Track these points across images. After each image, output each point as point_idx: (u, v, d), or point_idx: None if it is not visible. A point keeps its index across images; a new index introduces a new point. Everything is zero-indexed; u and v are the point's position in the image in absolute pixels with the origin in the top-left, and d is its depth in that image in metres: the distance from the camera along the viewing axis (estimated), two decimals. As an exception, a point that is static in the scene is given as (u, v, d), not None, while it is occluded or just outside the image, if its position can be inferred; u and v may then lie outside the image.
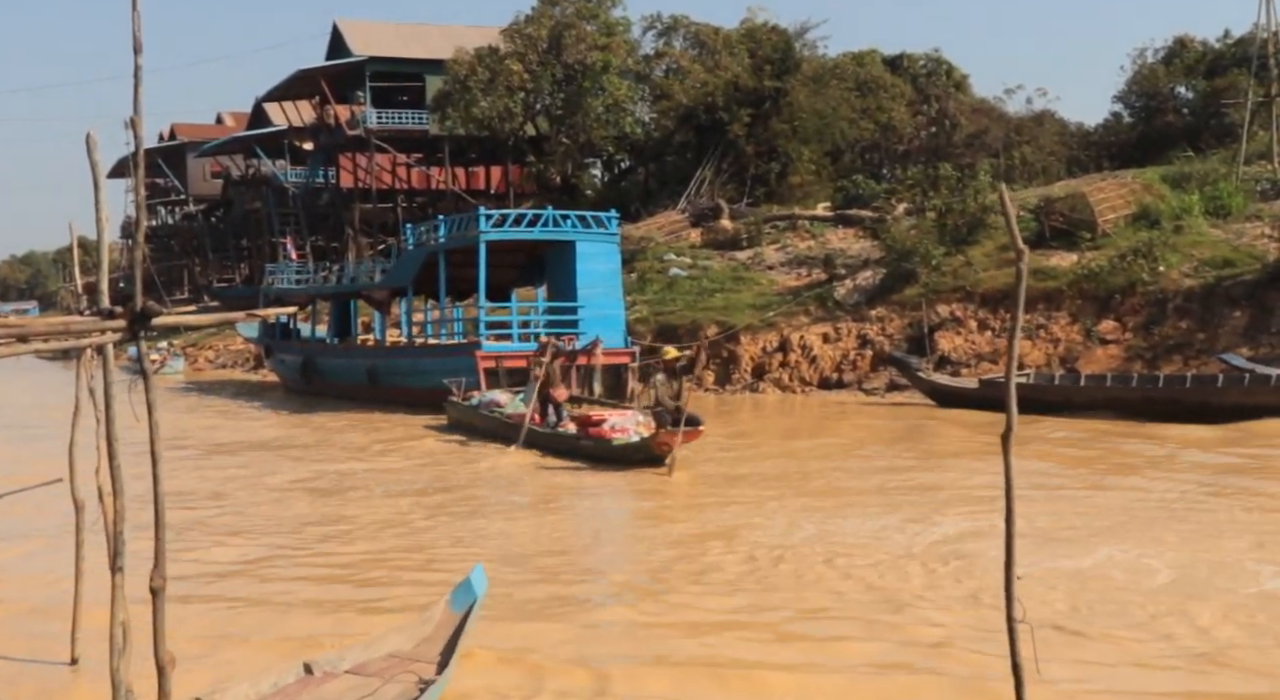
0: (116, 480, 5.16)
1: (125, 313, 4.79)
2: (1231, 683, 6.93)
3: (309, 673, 6.78)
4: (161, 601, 4.82)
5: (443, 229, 27.52)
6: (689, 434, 15.56)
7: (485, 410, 20.75)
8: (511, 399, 20.79)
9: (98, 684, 6.49)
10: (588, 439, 16.96)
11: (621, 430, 16.69)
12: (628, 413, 17.43)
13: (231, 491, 15.10)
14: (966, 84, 52.84)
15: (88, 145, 5.76)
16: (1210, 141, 37.59)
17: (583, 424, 17.35)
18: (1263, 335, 23.73)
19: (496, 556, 10.32)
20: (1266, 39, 32.86)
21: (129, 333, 4.80)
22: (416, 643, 7.25)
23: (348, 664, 6.88)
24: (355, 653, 7.03)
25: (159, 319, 4.94)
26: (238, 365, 46.05)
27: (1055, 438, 18.20)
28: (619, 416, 17.20)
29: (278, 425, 24.60)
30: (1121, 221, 29.19)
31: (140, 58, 4.73)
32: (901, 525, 11.48)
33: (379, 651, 7.09)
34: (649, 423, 16.45)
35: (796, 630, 8.16)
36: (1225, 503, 12.52)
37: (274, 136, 58.81)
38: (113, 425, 5.21)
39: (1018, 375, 17.49)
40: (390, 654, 7.08)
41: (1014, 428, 4.78)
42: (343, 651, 7.07)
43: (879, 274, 30.46)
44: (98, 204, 5.61)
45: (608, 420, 17.00)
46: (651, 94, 49.80)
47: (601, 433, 16.77)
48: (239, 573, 10.36)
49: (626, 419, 17.06)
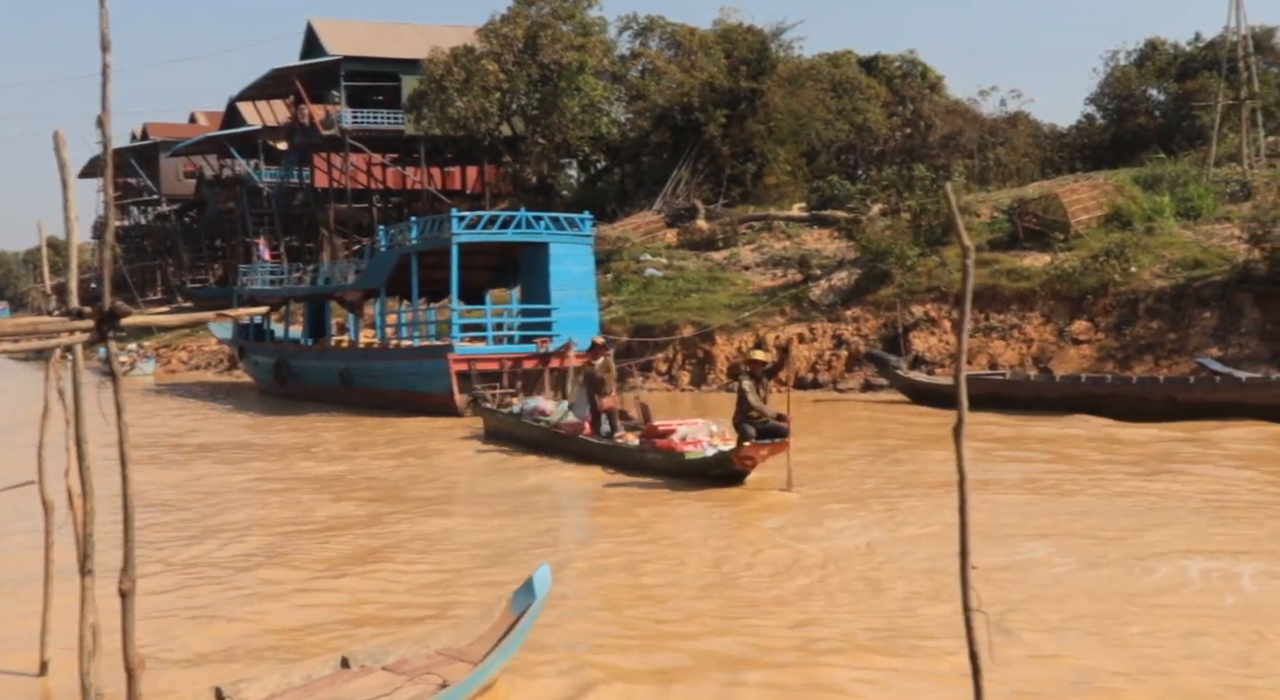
0: (86, 482, 5.13)
1: (94, 313, 4.77)
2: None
3: (345, 666, 6.71)
4: (131, 604, 4.79)
5: (415, 230, 27.45)
6: (775, 447, 14.07)
7: (529, 419, 19.21)
8: (557, 407, 19.46)
9: (67, 687, 6.45)
10: (654, 452, 15.30)
11: (694, 441, 15.04)
12: (699, 422, 15.75)
13: (276, 517, 15.00)
14: (941, 85, 53.14)
15: (55, 144, 5.72)
16: (1181, 143, 37.87)
17: (648, 435, 15.72)
18: (1232, 336, 23.93)
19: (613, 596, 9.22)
20: (1236, 42, 33.13)
21: (97, 333, 4.78)
22: (470, 641, 7.10)
23: (391, 659, 6.80)
24: (401, 647, 6.93)
25: (128, 319, 4.91)
26: (211, 367, 45.84)
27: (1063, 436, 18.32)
28: (689, 426, 15.50)
29: (287, 430, 24.39)
30: (1094, 222, 29.38)
31: (109, 56, 4.70)
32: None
33: (428, 647, 6.98)
34: (723, 433, 15.13)
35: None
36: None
37: (248, 136, 58.53)
38: (82, 427, 5.18)
39: (993, 374, 17.58)
40: (440, 651, 6.97)
41: (965, 421, 4.82)
42: (388, 645, 6.96)
43: (854, 274, 30.55)
44: (66, 203, 5.58)
45: (677, 431, 15.34)
46: (627, 94, 49.83)
47: (671, 445, 15.11)
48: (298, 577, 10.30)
49: (698, 429, 15.40)
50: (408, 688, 6.41)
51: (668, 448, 15.10)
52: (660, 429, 15.53)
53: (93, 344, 4.89)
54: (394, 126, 53.35)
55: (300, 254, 54.94)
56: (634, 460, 15.70)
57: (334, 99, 53.94)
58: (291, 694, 6.38)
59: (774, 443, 13.98)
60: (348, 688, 6.44)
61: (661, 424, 15.76)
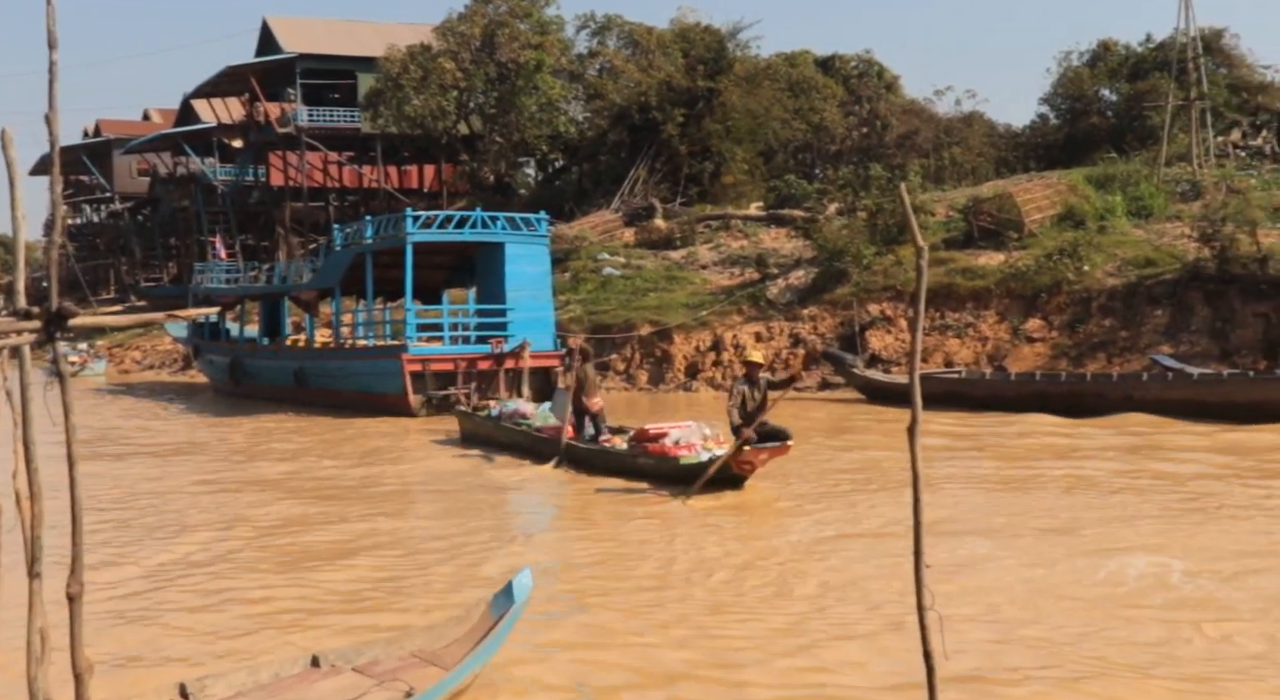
0: (34, 484, 5.07)
1: (41, 314, 4.71)
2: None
3: (315, 665, 6.60)
4: (79, 608, 4.75)
5: (370, 229, 27.30)
6: (775, 451, 13.63)
7: (509, 422, 18.68)
8: (537, 409, 18.90)
9: (14, 694, 6.36)
10: (647, 457, 14.76)
11: (688, 445, 14.53)
12: (691, 425, 15.19)
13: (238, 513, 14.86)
14: (898, 85, 53.50)
15: (3, 141, 5.65)
16: (1133, 143, 38.31)
17: (639, 439, 15.22)
18: (1183, 333, 24.26)
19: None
20: (1186, 44, 33.55)
21: (44, 334, 4.72)
22: (446, 643, 6.96)
23: (362, 659, 6.68)
24: (374, 649, 6.81)
25: (76, 320, 4.85)
26: (165, 366, 45.39)
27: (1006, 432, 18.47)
28: (682, 430, 14.94)
29: (239, 431, 24.23)
30: (1048, 222, 29.69)
31: (55, 53, 4.64)
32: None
33: (402, 649, 6.86)
34: (717, 436, 14.66)
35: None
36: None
37: (202, 134, 58.01)
38: (29, 428, 5.12)
39: (948, 372, 17.72)
40: (413, 653, 6.84)
41: (919, 420, 4.86)
42: (360, 646, 6.85)
43: (811, 273, 30.69)
44: (14, 202, 5.51)
45: (669, 434, 14.80)
46: (585, 93, 49.78)
47: (664, 449, 14.59)
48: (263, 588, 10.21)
49: (691, 432, 14.85)
50: (375, 693, 6.30)
51: (660, 452, 14.59)
52: (652, 432, 14.99)
53: (40, 345, 4.83)
54: (350, 125, 53.04)
55: (256, 253, 54.52)
56: (624, 465, 15.16)
57: (289, 97, 53.55)
58: (258, 692, 6.30)
59: (774, 447, 13.53)
60: (315, 688, 6.35)
61: (653, 427, 15.18)
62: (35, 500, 5.13)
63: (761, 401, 13.57)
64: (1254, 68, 43.66)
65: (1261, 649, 7.40)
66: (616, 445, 15.88)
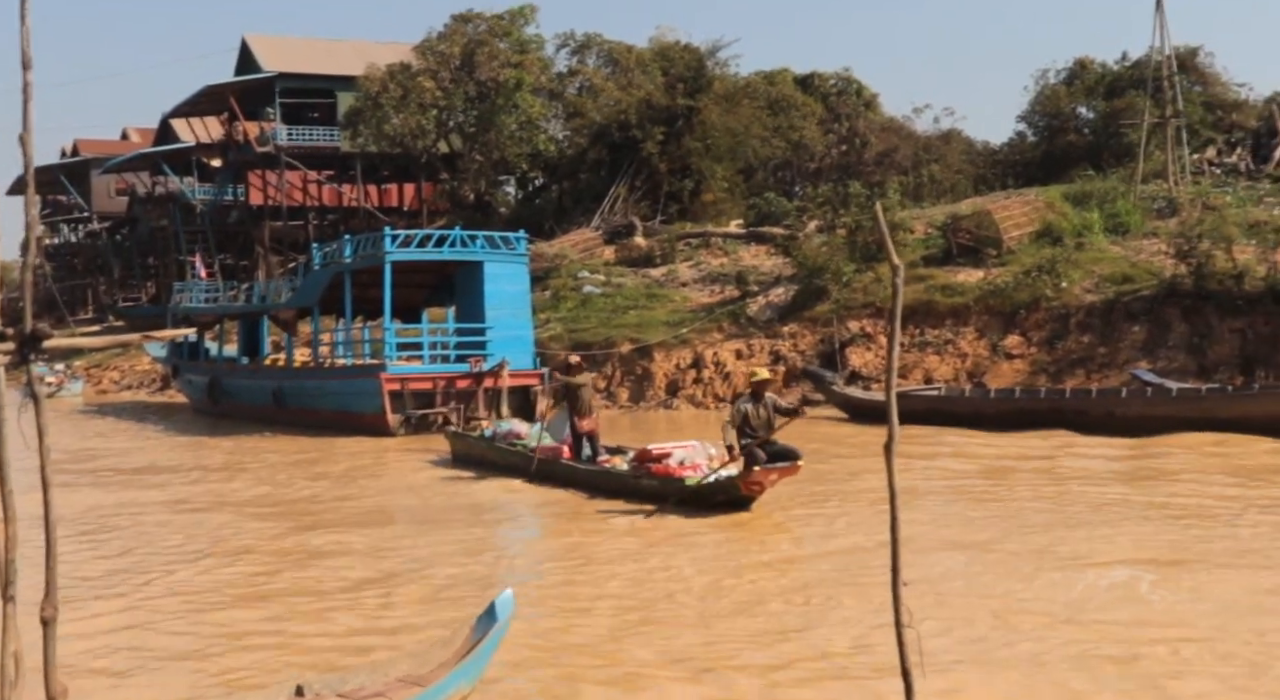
0: (9, 506, 5.03)
1: (14, 335, 4.68)
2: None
3: (300, 695, 6.54)
4: (53, 632, 4.71)
5: (349, 248, 27.25)
6: (785, 471, 13.23)
7: (504, 443, 18.19)
8: (532, 429, 18.24)
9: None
10: (650, 478, 14.31)
11: (693, 466, 14.11)
12: (695, 445, 14.75)
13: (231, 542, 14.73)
14: (876, 103, 53.70)
15: (-24, 163, 5.61)
16: (1110, 160, 38.54)
17: (641, 460, 14.79)
18: (1161, 349, 24.38)
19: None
20: (1161, 62, 33.80)
21: (18, 356, 4.69)
22: (432, 667, 6.90)
23: (347, 686, 6.61)
24: (359, 675, 6.75)
25: (51, 341, 4.82)
26: (143, 386, 45.10)
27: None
28: (686, 450, 14.53)
29: (221, 452, 24.07)
30: (1026, 238, 29.83)
31: (29, 74, 4.63)
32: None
33: (387, 675, 6.78)
34: (722, 456, 13.98)
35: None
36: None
37: (181, 153, 57.84)
38: (4, 449, 5.07)
39: (928, 389, 17.72)
40: (399, 678, 6.77)
41: (896, 438, 4.89)
42: (345, 674, 6.79)
43: (791, 291, 30.75)
44: (-12, 223, 5.47)
45: (673, 454, 14.38)
46: (565, 112, 49.84)
47: (668, 470, 14.17)
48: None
49: (695, 452, 14.44)
50: None
51: (665, 473, 14.14)
52: (655, 453, 14.57)
53: (14, 366, 4.79)
54: (330, 143, 52.97)
55: (235, 272, 54.33)
56: (626, 486, 14.67)
57: (269, 116, 53.46)
58: None
59: (784, 467, 13.13)
60: None
61: (656, 447, 14.79)
62: (9, 523, 5.09)
63: (768, 421, 13.22)
64: (1228, 86, 44.04)
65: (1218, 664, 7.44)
66: (616, 466, 15.47)
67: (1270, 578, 9.62)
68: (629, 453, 15.89)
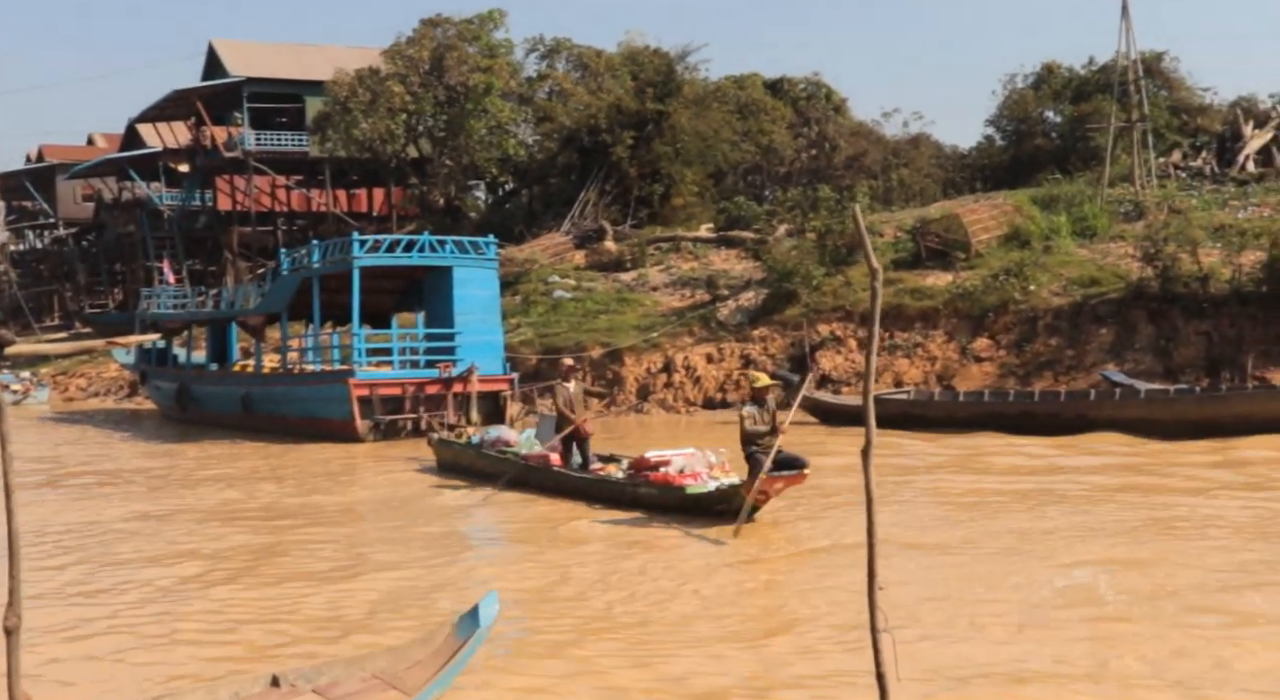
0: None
1: (-30, 343, 4.59)
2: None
3: (275, 685, 6.50)
4: (17, 641, 4.68)
5: (317, 254, 27.10)
6: (791, 479, 12.89)
7: (492, 450, 17.76)
8: (521, 436, 18.00)
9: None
10: (648, 486, 13.96)
11: (693, 474, 13.80)
12: (694, 452, 14.41)
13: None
14: (845, 107, 53.81)
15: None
16: (1077, 164, 38.73)
17: (638, 467, 14.48)
18: (1128, 351, 24.54)
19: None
20: (1127, 67, 34.01)
21: (-28, 364, 4.61)
22: (408, 665, 6.87)
23: (323, 680, 6.57)
24: (335, 670, 6.71)
25: (14, 348, 4.74)
26: (110, 393, 44.67)
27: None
28: (686, 457, 14.18)
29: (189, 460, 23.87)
30: (994, 242, 29.96)
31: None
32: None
33: (363, 670, 6.74)
34: (723, 464, 13.94)
35: None
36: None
37: (148, 158, 57.34)
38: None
39: (898, 393, 17.78)
40: (375, 674, 6.73)
41: (873, 442, 4.86)
42: (321, 666, 6.76)
43: (761, 294, 30.78)
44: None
45: (672, 462, 14.03)
46: (534, 116, 49.69)
47: (667, 478, 13.85)
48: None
49: (695, 460, 14.12)
50: None
51: (664, 481, 13.81)
52: (653, 461, 14.25)
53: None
54: (298, 148, 52.63)
55: (203, 278, 53.96)
56: (624, 495, 14.30)
57: (236, 121, 53.05)
58: None
59: (791, 475, 12.76)
60: None
61: (654, 455, 14.46)
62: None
63: (772, 423, 12.88)
64: (1193, 90, 44.31)
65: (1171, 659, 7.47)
66: (611, 474, 15.15)
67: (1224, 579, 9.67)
68: (622, 460, 15.57)
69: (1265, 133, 36.76)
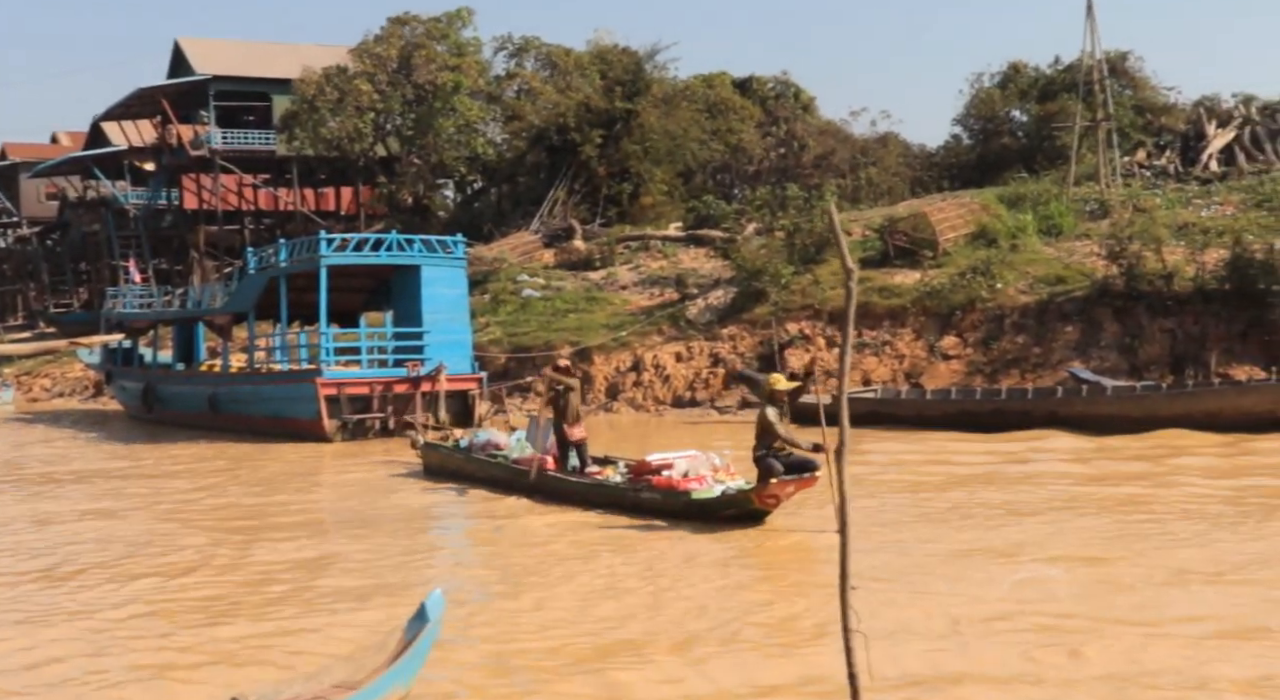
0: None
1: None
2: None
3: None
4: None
5: (284, 253, 26.97)
6: (802, 483, 12.63)
7: (483, 454, 17.22)
8: (512, 439, 17.41)
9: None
10: (651, 491, 13.59)
11: (698, 478, 13.38)
12: (698, 455, 14.00)
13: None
14: (814, 106, 53.92)
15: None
16: (1043, 163, 38.96)
17: (639, 471, 14.12)
18: (1093, 349, 24.74)
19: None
20: (1092, 66, 34.25)
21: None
22: (366, 673, 6.86)
23: (284, 696, 6.56)
24: (295, 685, 6.71)
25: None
26: (76, 393, 44.27)
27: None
28: (689, 460, 13.75)
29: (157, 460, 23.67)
30: (961, 240, 30.12)
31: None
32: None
33: (322, 684, 6.73)
34: (727, 467, 13.60)
35: None
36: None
37: (113, 157, 56.86)
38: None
39: (865, 391, 17.77)
40: (335, 685, 6.72)
41: (847, 443, 4.89)
42: (280, 684, 6.76)
43: (730, 293, 30.82)
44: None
45: (675, 466, 13.62)
46: (503, 115, 49.63)
47: (671, 483, 13.44)
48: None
49: (699, 463, 13.66)
50: None
51: (667, 486, 13.41)
52: (654, 464, 13.87)
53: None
54: (265, 147, 52.32)
55: (170, 277, 53.55)
56: (625, 500, 13.89)
57: (203, 119, 52.66)
58: None
59: (802, 478, 12.53)
60: None
61: (655, 458, 14.10)
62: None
63: (787, 428, 12.57)
64: (1157, 90, 44.64)
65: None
66: (609, 477, 14.73)
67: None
68: (619, 463, 15.23)
69: (1228, 132, 37.08)
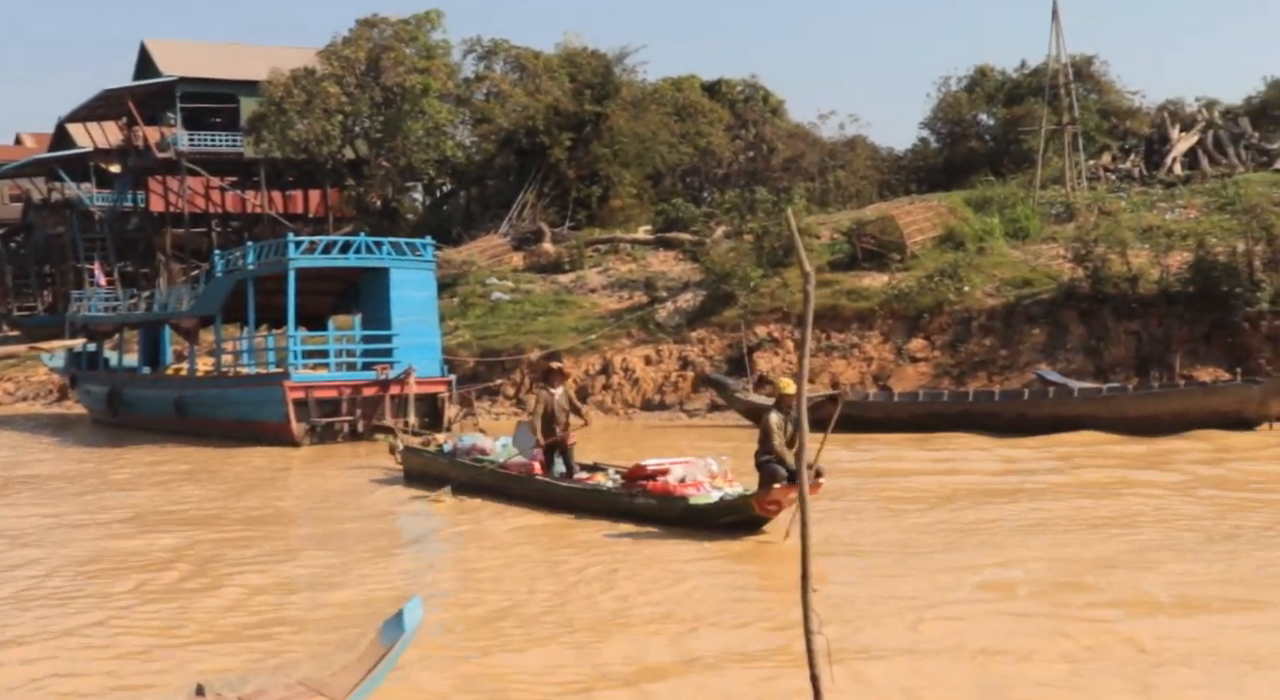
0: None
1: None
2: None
3: (200, 695, 6.46)
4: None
5: (252, 255, 26.83)
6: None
7: (466, 459, 16.84)
8: (498, 444, 17.06)
9: None
10: (646, 496, 13.29)
11: (695, 483, 13.11)
12: (694, 461, 13.75)
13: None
14: (783, 109, 54.01)
15: None
16: (1010, 167, 39.23)
17: (633, 477, 13.81)
18: (1060, 351, 24.94)
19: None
20: (1058, 70, 34.53)
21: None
22: (333, 672, 6.81)
23: (248, 688, 6.54)
24: (260, 678, 6.72)
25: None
26: (39, 398, 43.85)
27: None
28: (685, 466, 13.48)
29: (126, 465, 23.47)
30: (929, 243, 30.28)
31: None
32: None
33: (288, 677, 6.74)
34: (725, 472, 13.37)
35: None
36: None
37: (78, 158, 56.35)
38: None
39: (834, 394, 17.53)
40: (300, 681, 6.68)
41: (805, 446, 4.91)
42: (246, 675, 6.78)
43: (699, 296, 30.86)
44: None
45: (672, 471, 13.32)
46: (472, 117, 49.51)
47: (667, 488, 13.17)
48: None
49: (696, 469, 13.41)
50: None
51: (664, 491, 13.14)
52: (650, 470, 13.56)
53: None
54: (233, 149, 52.00)
55: (136, 280, 53.12)
56: (619, 506, 13.60)
57: (169, 121, 52.29)
58: None
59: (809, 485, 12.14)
60: None
61: (651, 463, 13.77)
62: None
63: (793, 435, 12.00)
64: (1122, 93, 45.04)
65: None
66: (600, 483, 14.47)
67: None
68: (609, 468, 15.01)
69: (1191, 136, 37.43)
